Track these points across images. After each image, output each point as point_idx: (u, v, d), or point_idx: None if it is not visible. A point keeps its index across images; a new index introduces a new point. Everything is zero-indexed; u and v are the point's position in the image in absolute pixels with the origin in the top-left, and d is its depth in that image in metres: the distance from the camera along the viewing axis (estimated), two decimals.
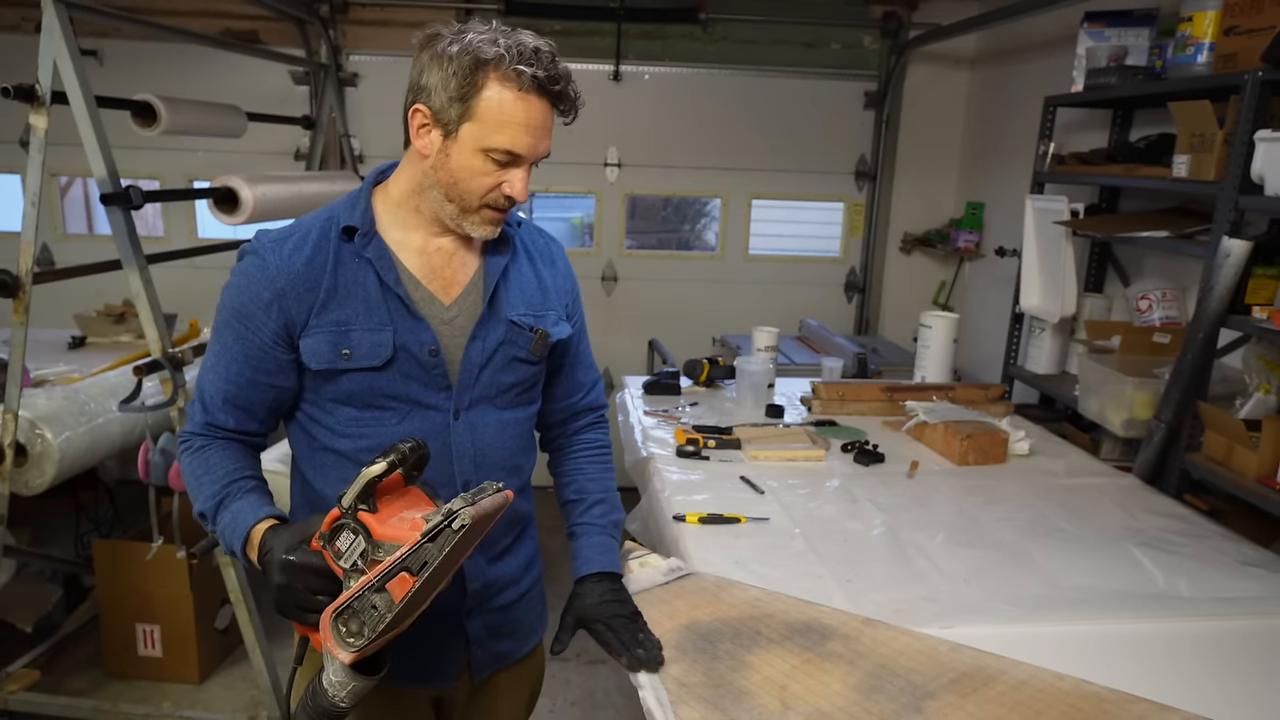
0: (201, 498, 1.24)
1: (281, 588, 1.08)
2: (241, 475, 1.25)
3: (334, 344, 1.22)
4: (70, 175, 4.44)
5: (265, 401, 1.27)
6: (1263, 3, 2.10)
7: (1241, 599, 1.57)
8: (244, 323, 1.22)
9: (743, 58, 4.37)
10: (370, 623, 1.02)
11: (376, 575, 1.01)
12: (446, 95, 1.16)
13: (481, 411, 1.32)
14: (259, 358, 1.23)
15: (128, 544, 2.80)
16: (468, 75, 1.15)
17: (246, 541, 1.18)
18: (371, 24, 4.22)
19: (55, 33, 2.16)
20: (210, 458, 1.26)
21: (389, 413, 1.26)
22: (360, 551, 1.04)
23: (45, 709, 2.64)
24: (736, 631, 1.39)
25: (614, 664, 1.36)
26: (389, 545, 1.03)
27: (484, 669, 1.42)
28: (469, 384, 1.30)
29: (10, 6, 4.05)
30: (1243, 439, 2.08)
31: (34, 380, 2.77)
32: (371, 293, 1.24)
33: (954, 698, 1.22)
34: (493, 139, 1.17)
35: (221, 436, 1.28)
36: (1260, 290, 2.13)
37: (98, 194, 2.27)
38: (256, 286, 1.21)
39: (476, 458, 1.31)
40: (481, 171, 1.19)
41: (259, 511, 1.19)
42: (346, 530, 1.04)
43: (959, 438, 2.24)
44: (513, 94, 1.16)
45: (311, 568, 1.06)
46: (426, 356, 1.26)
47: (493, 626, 1.41)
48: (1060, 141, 3.04)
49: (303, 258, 1.22)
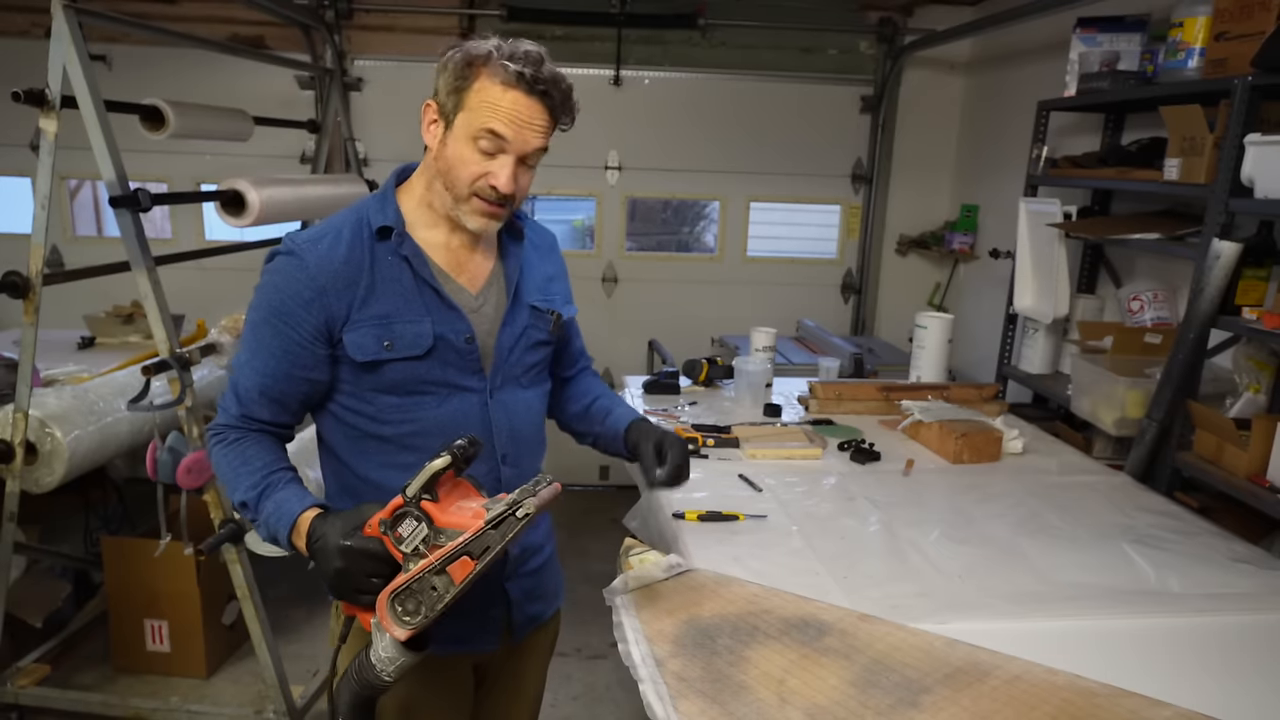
0: (242, 488, 1.30)
1: (339, 571, 1.14)
2: (280, 466, 1.32)
3: (377, 337, 1.29)
4: (80, 178, 4.46)
5: (299, 395, 1.34)
6: (1252, 9, 2.11)
7: (1231, 595, 1.58)
8: (283, 320, 1.28)
9: (741, 63, 4.40)
10: (429, 602, 1.11)
11: (439, 558, 1.09)
12: (445, 90, 1.27)
13: (510, 391, 1.42)
14: (296, 353, 1.29)
15: (136, 541, 2.82)
16: (461, 69, 1.25)
17: (293, 529, 1.24)
18: (376, 30, 4.25)
19: (65, 38, 2.17)
20: (246, 450, 1.32)
21: (429, 397, 1.34)
22: (422, 537, 1.12)
23: (55, 703, 2.65)
24: (735, 627, 1.39)
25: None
26: (450, 532, 1.11)
27: (521, 631, 1.52)
28: (500, 366, 1.40)
29: (21, 12, 4.07)
30: (1233, 438, 2.10)
31: (44, 380, 2.79)
32: (408, 287, 1.32)
33: (949, 692, 1.23)
34: (477, 123, 1.25)
35: (255, 429, 1.34)
36: (1250, 291, 2.15)
37: (107, 197, 2.27)
38: (296, 285, 1.27)
39: (512, 433, 1.42)
40: (470, 160, 1.27)
41: (304, 501, 1.27)
42: (410, 518, 1.12)
43: (954, 436, 2.25)
44: (498, 85, 1.24)
45: (368, 552, 1.13)
46: (463, 344, 1.35)
47: (528, 590, 1.50)
48: (1053, 145, 3.06)
49: (340, 256, 1.29)
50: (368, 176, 3.89)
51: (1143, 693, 1.22)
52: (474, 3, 4.24)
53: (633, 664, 1.32)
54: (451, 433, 1.30)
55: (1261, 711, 1.25)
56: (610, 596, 1.49)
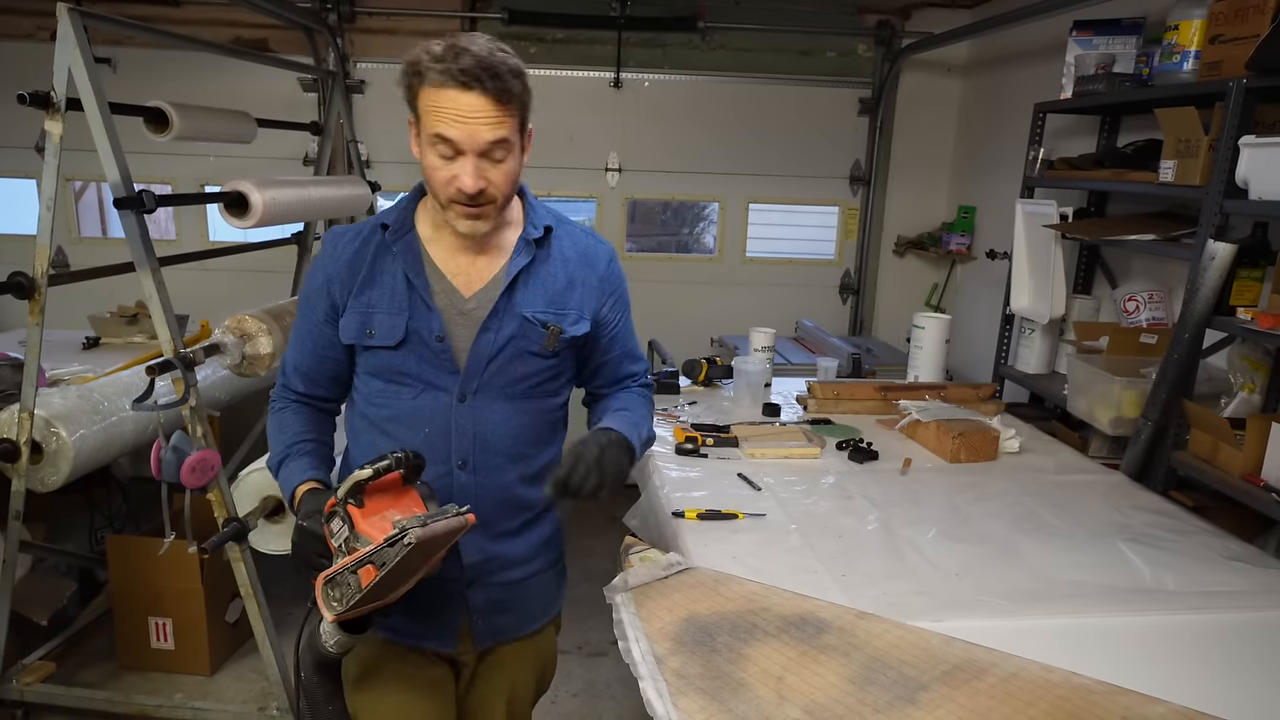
0: (273, 455, 1.46)
1: (294, 545, 1.29)
2: (303, 438, 1.45)
3: (361, 323, 1.39)
4: (84, 180, 4.48)
5: (326, 371, 1.47)
6: (1247, 12, 2.12)
7: (1226, 593, 1.59)
8: (307, 302, 1.45)
9: (740, 65, 4.42)
10: (347, 595, 1.19)
11: (352, 561, 1.18)
12: (408, 103, 1.32)
13: (489, 399, 1.41)
14: (315, 333, 1.44)
15: (140, 539, 2.83)
16: (408, 82, 1.29)
17: (293, 498, 1.38)
18: (378, 33, 4.27)
19: (70, 41, 2.17)
20: (284, 419, 1.48)
21: (406, 388, 1.41)
22: (345, 537, 1.22)
23: (60, 700, 2.66)
24: (734, 625, 1.40)
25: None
26: (364, 539, 1.20)
27: (486, 639, 1.51)
28: (477, 371, 1.40)
29: (26, 15, 4.09)
30: (1228, 437, 2.11)
31: (49, 380, 2.78)
32: (397, 281, 1.39)
33: (946, 689, 1.24)
34: (429, 130, 1.28)
35: (295, 400, 1.50)
36: (1244, 292, 2.15)
37: (111, 198, 2.27)
38: (316, 272, 1.44)
39: (476, 440, 1.41)
40: (436, 166, 1.30)
41: (304, 474, 1.40)
42: (337, 517, 1.23)
43: (951, 436, 2.26)
44: (433, 89, 1.26)
45: (314, 535, 1.26)
46: (434, 341, 1.38)
47: (495, 600, 1.49)
48: (1049, 147, 3.07)
49: (352, 249, 1.41)
50: (370, 178, 3.90)
51: (1138, 689, 1.23)
52: (475, 6, 4.26)
53: (633, 661, 1.33)
54: (417, 426, 1.38)
55: (1256, 707, 1.26)
56: (610, 594, 1.51)
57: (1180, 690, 1.23)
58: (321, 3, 4.10)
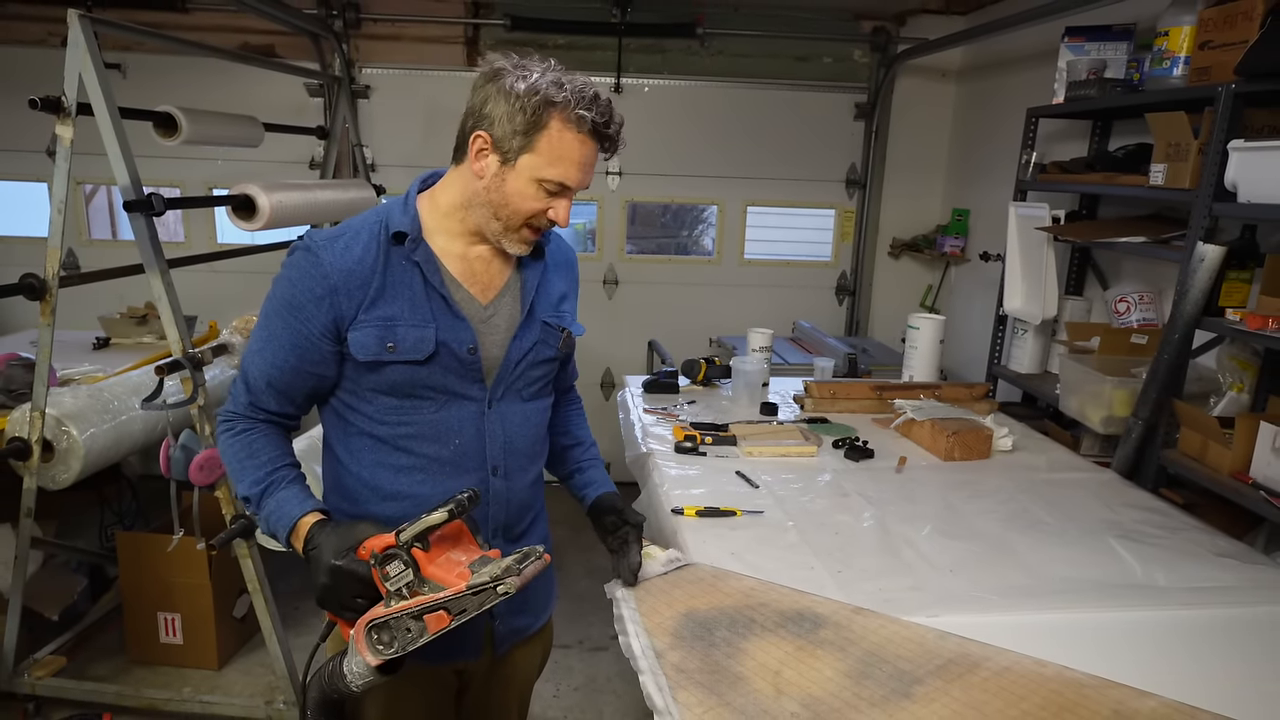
0: (246, 482, 1.31)
1: (326, 587, 1.18)
2: (284, 464, 1.34)
3: (380, 338, 1.29)
4: (95, 183, 4.50)
5: (305, 388, 1.35)
6: (1236, 18, 2.14)
7: (1215, 589, 1.60)
8: (295, 314, 1.29)
9: (738, 71, 4.45)
10: (402, 640, 1.14)
11: (419, 605, 1.12)
12: (511, 128, 1.24)
13: (510, 403, 1.42)
14: (305, 347, 1.30)
15: (149, 536, 2.86)
16: (534, 114, 1.23)
17: (292, 532, 1.27)
18: (383, 39, 4.30)
19: (80, 47, 2.20)
20: (253, 442, 1.33)
21: (427, 402, 1.35)
22: (406, 581, 1.13)
23: (70, 694, 2.67)
24: (732, 620, 1.40)
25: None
26: (433, 584, 1.13)
27: (505, 643, 1.51)
28: (505, 378, 1.40)
29: (37, 22, 4.12)
30: (1217, 436, 2.13)
31: (60, 379, 2.81)
32: (417, 292, 1.32)
33: (940, 683, 1.24)
34: (548, 171, 1.26)
35: (262, 419, 1.36)
36: (1233, 293, 2.17)
37: (121, 201, 2.29)
38: (310, 281, 1.28)
39: (506, 444, 1.41)
40: (533, 198, 1.29)
41: (304, 505, 1.29)
42: (399, 560, 1.14)
43: (945, 434, 2.27)
44: (572, 134, 1.25)
45: (356, 575, 1.17)
46: (465, 353, 1.34)
47: (513, 603, 1.48)
48: (1042, 151, 3.07)
49: (354, 256, 1.30)
50: (375, 181, 3.94)
51: (1129, 684, 1.23)
52: (478, 12, 4.28)
53: (633, 656, 1.34)
54: (445, 439, 1.34)
55: (1244, 702, 1.26)
56: (611, 590, 1.52)
57: (1171, 684, 1.24)
58: (327, 9, 4.13)
